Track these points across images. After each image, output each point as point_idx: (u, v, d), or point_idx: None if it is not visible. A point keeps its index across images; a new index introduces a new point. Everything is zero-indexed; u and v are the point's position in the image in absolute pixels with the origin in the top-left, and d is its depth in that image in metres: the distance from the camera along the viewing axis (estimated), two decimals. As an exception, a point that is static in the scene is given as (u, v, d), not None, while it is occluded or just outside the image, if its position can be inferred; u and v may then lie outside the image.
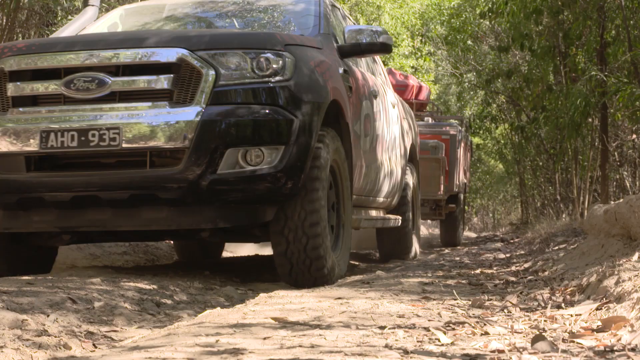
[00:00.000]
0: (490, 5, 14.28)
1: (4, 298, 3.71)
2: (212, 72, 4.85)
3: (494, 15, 14.24)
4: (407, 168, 8.79)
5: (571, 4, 12.56)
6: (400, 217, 8.31)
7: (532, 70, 15.08)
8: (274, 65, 4.98)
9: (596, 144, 13.59)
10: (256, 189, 4.91)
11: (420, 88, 15.42)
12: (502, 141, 23.35)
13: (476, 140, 27.56)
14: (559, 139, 15.38)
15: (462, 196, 15.27)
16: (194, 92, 4.85)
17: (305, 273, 5.16)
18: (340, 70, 5.92)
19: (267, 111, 4.89)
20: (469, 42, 19.90)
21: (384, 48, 6.24)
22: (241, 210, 5.07)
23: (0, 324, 3.33)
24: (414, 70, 24.08)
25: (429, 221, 28.90)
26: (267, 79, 4.94)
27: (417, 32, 25.57)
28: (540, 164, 19.06)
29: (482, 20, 17.41)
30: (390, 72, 15.57)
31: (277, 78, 4.97)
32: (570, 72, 13.57)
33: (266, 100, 4.92)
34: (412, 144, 9.10)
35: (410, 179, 8.78)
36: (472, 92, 24.05)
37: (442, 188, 13.25)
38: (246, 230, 5.53)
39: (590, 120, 12.79)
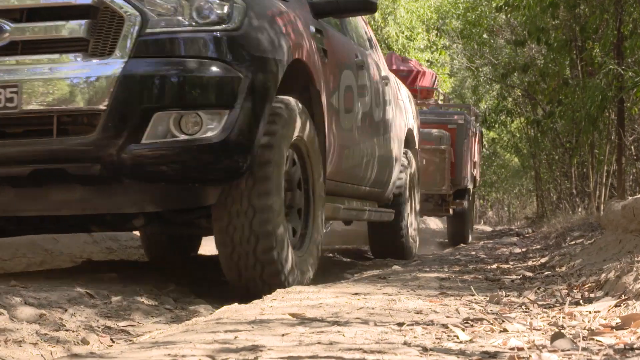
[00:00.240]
0: (506, -1, 14.21)
1: (22, 293, 3.72)
2: (137, 17, 3.91)
3: (510, 9, 14.18)
4: (404, 155, 7.89)
5: (588, -3, 12.51)
6: (393, 211, 7.41)
7: (548, 64, 15.02)
8: (218, 11, 4.05)
9: (612, 137, 13.54)
10: (193, 163, 3.97)
11: (424, 74, 14.46)
12: (518, 135, 23.29)
13: (491, 134, 27.48)
14: (575, 133, 15.31)
15: (471, 191, 14.30)
16: (115, 41, 3.92)
17: (257, 280, 4.31)
18: (312, 29, 5.01)
19: (206, 66, 3.96)
20: (485, 35, 19.84)
21: (367, 6, 5.45)
22: (175, 190, 4.19)
23: (19, 318, 3.35)
24: (429, 63, 24.01)
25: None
26: (208, 27, 4.01)
27: (432, 26, 25.51)
28: (556, 157, 18.99)
29: (497, 14, 17.33)
30: (390, 55, 14.57)
31: (222, 27, 4.04)
32: (587, 66, 13.50)
33: (206, 53, 3.98)
34: (410, 128, 8.15)
35: (406, 168, 7.85)
36: (487, 86, 23.98)
37: (447, 182, 12.43)
38: (190, 220, 4.70)
39: (606, 114, 12.72)
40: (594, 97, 10.58)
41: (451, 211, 13.21)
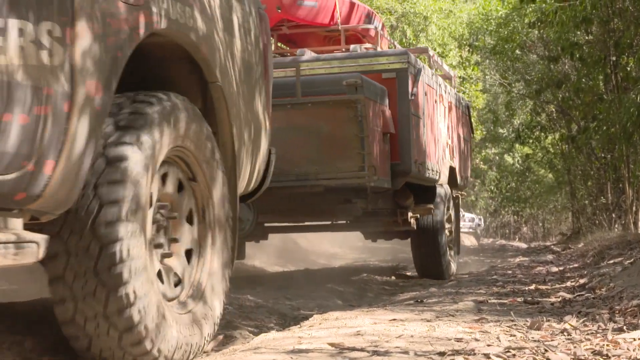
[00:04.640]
0: (539, 15, 14.14)
1: (50, 319, 3.71)
2: None
3: (542, 24, 14.11)
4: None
5: (621, 12, 12.42)
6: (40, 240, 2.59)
7: (582, 79, 14.90)
8: None
9: (648, 153, 13.41)
10: None
11: (354, 7, 8.98)
12: (552, 150, 23.11)
13: (525, 149, 27.28)
14: (610, 148, 15.15)
15: (445, 192, 8.79)
16: None
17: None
18: None
19: None
20: (517, 51, 19.74)
21: None
22: None
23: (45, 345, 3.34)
24: (461, 80, 23.93)
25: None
26: None
27: (464, 42, 25.43)
28: (592, 172, 18.81)
29: (530, 30, 17.25)
30: None
31: None
32: (622, 81, 13.40)
33: None
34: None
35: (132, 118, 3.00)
36: (520, 102, 23.84)
37: (370, 162, 6.77)
38: None
39: (642, 129, 12.60)
40: (629, 112, 10.49)
41: (414, 225, 7.99)
